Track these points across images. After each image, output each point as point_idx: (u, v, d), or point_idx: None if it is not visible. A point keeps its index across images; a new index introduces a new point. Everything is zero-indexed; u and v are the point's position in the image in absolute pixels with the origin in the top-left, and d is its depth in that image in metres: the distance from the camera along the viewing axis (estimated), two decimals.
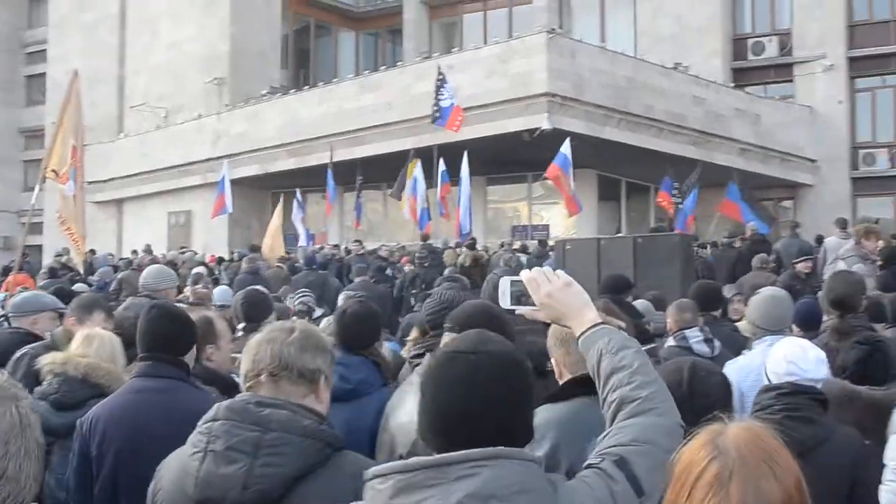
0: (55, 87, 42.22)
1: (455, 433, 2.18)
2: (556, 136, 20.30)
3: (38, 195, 13.61)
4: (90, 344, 4.89)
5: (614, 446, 2.33)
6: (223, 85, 35.58)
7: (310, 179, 27.68)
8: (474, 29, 37.06)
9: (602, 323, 2.65)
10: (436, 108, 21.30)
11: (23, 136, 48.77)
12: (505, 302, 2.85)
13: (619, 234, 21.76)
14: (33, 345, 5.91)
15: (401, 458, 3.20)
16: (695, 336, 6.56)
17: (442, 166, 21.31)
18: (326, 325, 6.12)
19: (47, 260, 29.09)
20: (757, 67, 32.28)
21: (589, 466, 2.30)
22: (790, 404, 4.09)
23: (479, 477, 2.07)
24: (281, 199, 24.20)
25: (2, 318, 7.66)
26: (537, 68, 23.08)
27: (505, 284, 2.84)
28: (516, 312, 2.86)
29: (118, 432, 4.00)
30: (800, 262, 13.72)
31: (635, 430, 2.36)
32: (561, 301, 2.68)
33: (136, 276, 16.16)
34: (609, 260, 13.37)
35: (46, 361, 4.79)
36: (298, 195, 24.92)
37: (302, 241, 24.70)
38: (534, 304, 2.73)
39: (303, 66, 40.42)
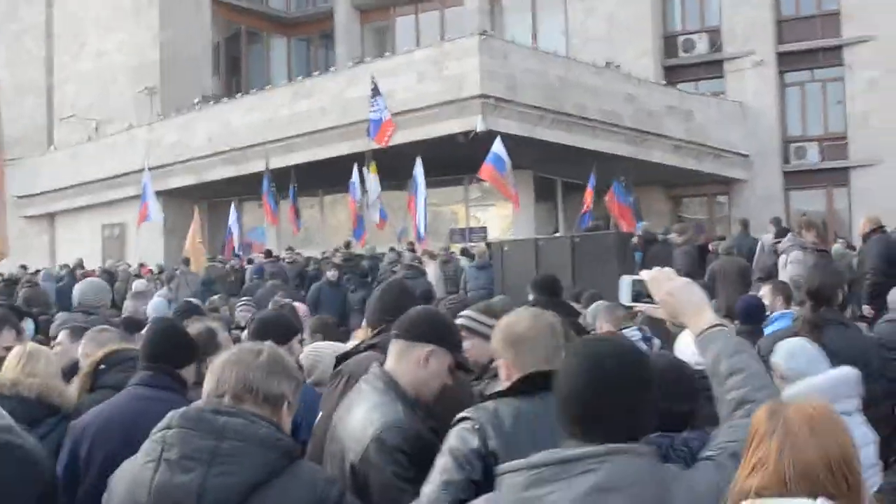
0: None
1: (585, 417, 2.44)
2: (492, 137, 20.29)
3: None
4: (36, 362, 4.75)
5: (731, 442, 2.55)
6: (154, 94, 35.19)
7: (245, 188, 27.47)
8: (406, 32, 36.98)
9: (719, 325, 2.83)
10: (368, 120, 21.20)
11: None
12: (625, 299, 3.05)
13: (557, 235, 21.78)
14: None
15: (352, 466, 3.35)
16: (633, 336, 6.56)
17: (355, 176, 21.24)
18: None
19: None
20: (688, 65, 32.55)
21: (707, 458, 2.56)
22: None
23: (600, 472, 2.33)
24: (195, 210, 24.12)
25: None
26: (470, 70, 23.09)
27: (626, 283, 3.04)
28: (634, 309, 3.01)
29: (109, 437, 4.07)
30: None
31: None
32: (681, 299, 2.88)
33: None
34: (547, 260, 13.45)
35: None
36: (233, 207, 24.86)
37: (237, 251, 24.56)
38: (652, 302, 2.93)
39: (235, 73, 40.07)
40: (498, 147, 19.01)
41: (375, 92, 21.10)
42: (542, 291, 6.88)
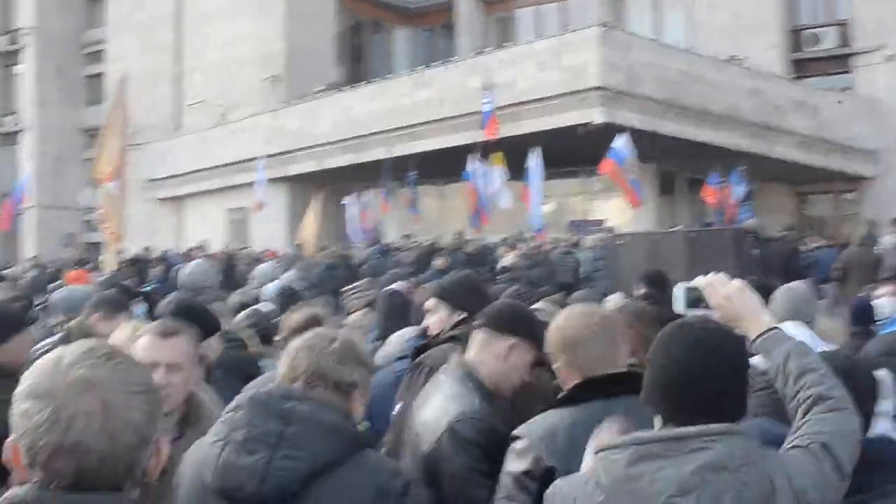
0: (114, 87, 42.73)
1: (682, 398, 2.46)
2: (612, 129, 20.14)
3: (92, 194, 13.94)
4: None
5: (821, 433, 2.55)
6: (279, 82, 35.83)
7: (366, 175, 27.76)
8: (528, 24, 36.98)
9: (777, 327, 2.86)
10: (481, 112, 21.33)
11: (84, 136, 49.35)
12: (679, 307, 3.01)
13: (674, 229, 21.49)
14: (51, 340, 5.82)
15: (425, 456, 3.33)
16: None
17: (476, 164, 21.22)
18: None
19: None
20: (815, 59, 31.79)
21: (796, 447, 2.55)
22: None
23: (712, 450, 2.37)
24: (314, 197, 24.50)
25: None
26: (591, 62, 22.91)
27: (680, 290, 3.02)
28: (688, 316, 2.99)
29: None
30: None
31: (835, 423, 2.59)
32: (739, 303, 2.89)
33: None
34: (661, 255, 13.26)
35: None
36: (356, 195, 25.19)
37: (358, 240, 24.71)
38: (707, 308, 2.92)
39: (358, 63, 40.49)
40: (620, 142, 18.79)
41: (487, 85, 21.14)
42: (651, 285, 6.83)
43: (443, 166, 25.64)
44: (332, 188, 31.39)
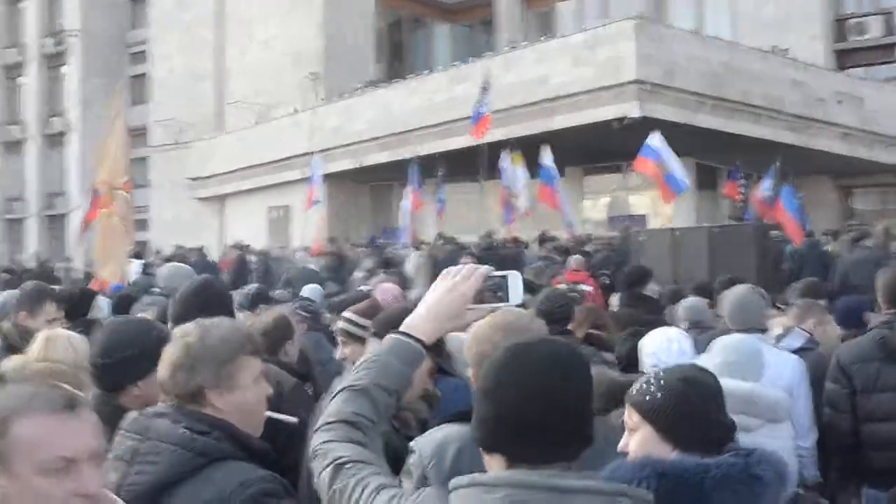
0: (158, 86, 43.14)
1: (539, 435, 2.04)
2: (650, 123, 19.82)
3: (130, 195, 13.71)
4: (55, 348, 4.44)
5: None
6: (318, 80, 35.88)
7: (404, 172, 27.66)
8: (568, 17, 36.61)
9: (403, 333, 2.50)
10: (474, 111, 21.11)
11: (129, 136, 49.81)
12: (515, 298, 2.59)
13: (700, 225, 21.06)
14: None
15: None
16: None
17: (505, 162, 21.01)
18: None
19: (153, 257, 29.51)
20: (860, 49, 31.26)
21: None
22: None
23: None
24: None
25: None
26: (626, 55, 22.62)
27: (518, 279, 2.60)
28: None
29: None
30: None
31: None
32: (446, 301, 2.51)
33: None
34: (684, 251, 13.08)
35: (9, 366, 4.25)
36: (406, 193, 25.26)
37: (404, 238, 24.52)
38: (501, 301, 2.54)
39: (397, 59, 40.43)
40: (653, 140, 18.25)
41: (486, 88, 20.91)
42: (625, 285, 6.32)
43: (480, 163, 25.51)
44: (373, 185, 31.41)
